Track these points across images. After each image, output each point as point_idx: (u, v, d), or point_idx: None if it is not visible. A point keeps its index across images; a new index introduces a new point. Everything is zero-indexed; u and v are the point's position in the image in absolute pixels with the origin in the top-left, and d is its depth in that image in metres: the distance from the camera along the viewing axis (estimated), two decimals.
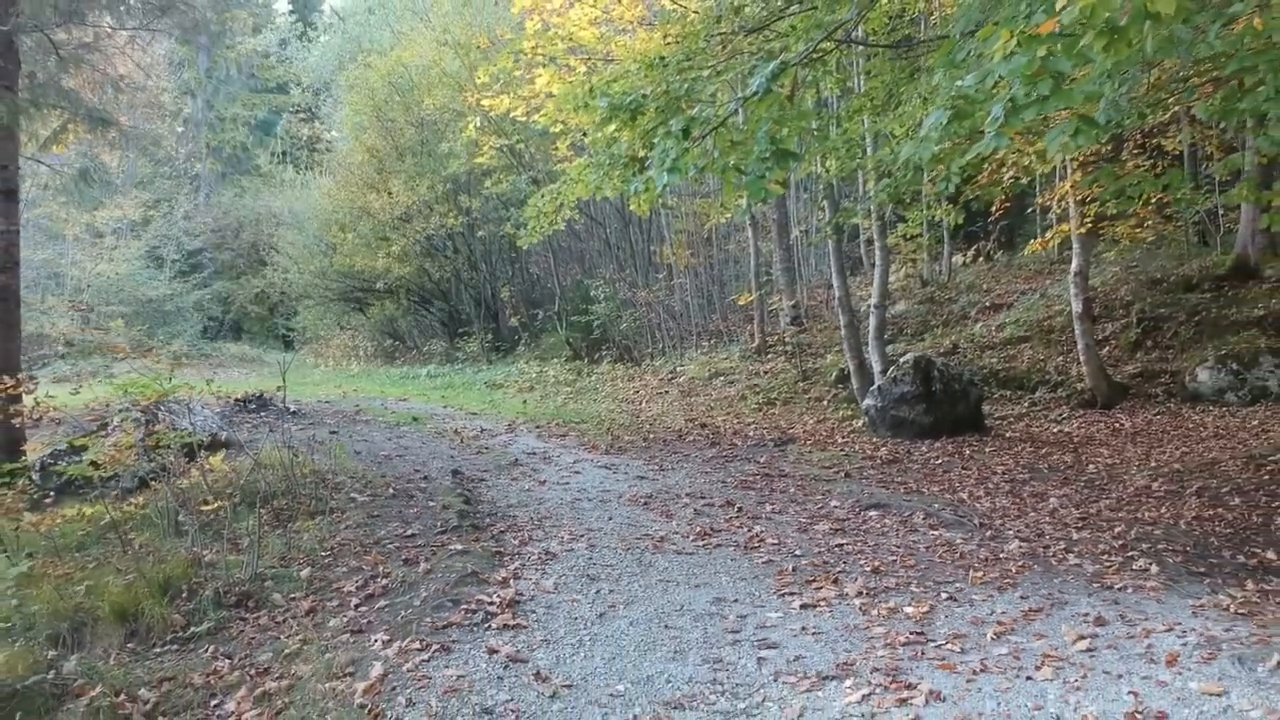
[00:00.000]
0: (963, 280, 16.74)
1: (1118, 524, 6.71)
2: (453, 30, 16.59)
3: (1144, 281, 13.34)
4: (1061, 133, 3.10)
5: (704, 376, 14.58)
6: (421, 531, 6.39)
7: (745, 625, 4.71)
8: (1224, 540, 6.31)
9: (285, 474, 7.23)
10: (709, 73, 5.80)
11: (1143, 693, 3.72)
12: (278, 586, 5.48)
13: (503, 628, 4.60)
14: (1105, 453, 9.35)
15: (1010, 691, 3.83)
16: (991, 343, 13.43)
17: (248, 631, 4.97)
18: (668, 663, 4.25)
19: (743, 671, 4.17)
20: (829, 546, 6.16)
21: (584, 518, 6.99)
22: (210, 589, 5.35)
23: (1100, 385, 11.56)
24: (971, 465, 8.97)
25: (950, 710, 3.68)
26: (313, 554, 5.93)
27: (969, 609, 4.83)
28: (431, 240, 19.05)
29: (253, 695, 4.20)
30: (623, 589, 5.29)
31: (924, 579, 5.39)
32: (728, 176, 4.93)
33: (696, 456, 9.68)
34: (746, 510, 7.22)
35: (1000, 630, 4.48)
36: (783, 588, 5.30)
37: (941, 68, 3.60)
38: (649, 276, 18.32)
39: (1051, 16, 2.72)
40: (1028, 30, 3.01)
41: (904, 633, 4.50)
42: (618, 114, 5.65)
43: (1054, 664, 4.05)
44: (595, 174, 6.49)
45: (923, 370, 10.41)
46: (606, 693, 3.94)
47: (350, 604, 5.14)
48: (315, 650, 4.50)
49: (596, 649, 4.39)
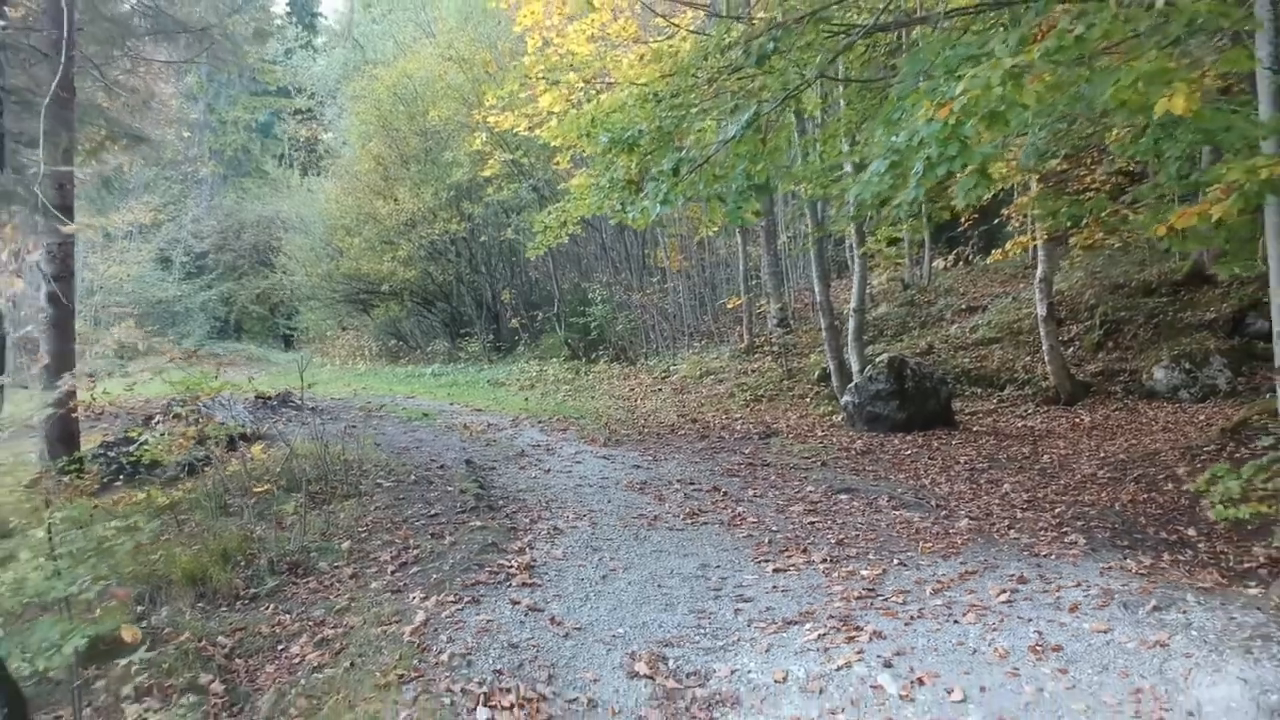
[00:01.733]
0: (942, 284, 17.62)
1: (1059, 506, 7.57)
2: (457, 46, 17.42)
3: (1107, 286, 14.22)
4: (967, 184, 3.95)
5: (695, 375, 15.43)
6: (443, 511, 7.23)
7: (725, 585, 5.57)
8: (1151, 519, 7.18)
9: (318, 462, 8.06)
10: (696, 110, 6.64)
11: (1045, 631, 4.59)
12: (322, 557, 6.32)
13: (521, 585, 5.46)
14: (1061, 445, 10.21)
15: (939, 632, 4.69)
16: (965, 343, 14.31)
17: (300, 593, 5.81)
18: (660, 612, 5.11)
19: (722, 619, 5.03)
20: (802, 524, 7.03)
21: (586, 500, 7.84)
22: (264, 559, 6.19)
23: (1064, 383, 12.44)
24: (937, 456, 9.83)
25: (888, 645, 4.54)
26: (350, 530, 6.77)
27: (915, 572, 5.70)
28: (435, 245, 19.88)
29: (313, 641, 5.04)
30: (621, 557, 6.14)
31: (880, 549, 6.25)
32: (711, 204, 5.79)
33: (687, 448, 10.52)
34: (731, 494, 8.07)
35: (938, 588, 5.35)
36: (759, 556, 6.16)
37: (881, 124, 4.45)
38: (643, 280, 19.16)
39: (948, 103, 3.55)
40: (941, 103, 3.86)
41: (858, 589, 5.37)
42: (616, 145, 6.50)
43: (978, 612, 4.92)
44: (596, 195, 7.32)
45: (896, 369, 11.27)
46: (609, 634, 4.80)
47: (387, 570, 5.98)
48: (363, 605, 5.34)
49: (600, 602, 5.25)
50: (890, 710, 4.04)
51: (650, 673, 4.42)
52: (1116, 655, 4.30)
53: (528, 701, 4.08)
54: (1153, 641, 4.34)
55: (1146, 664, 4.20)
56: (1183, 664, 4.14)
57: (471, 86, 17.43)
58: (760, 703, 4.16)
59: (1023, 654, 4.41)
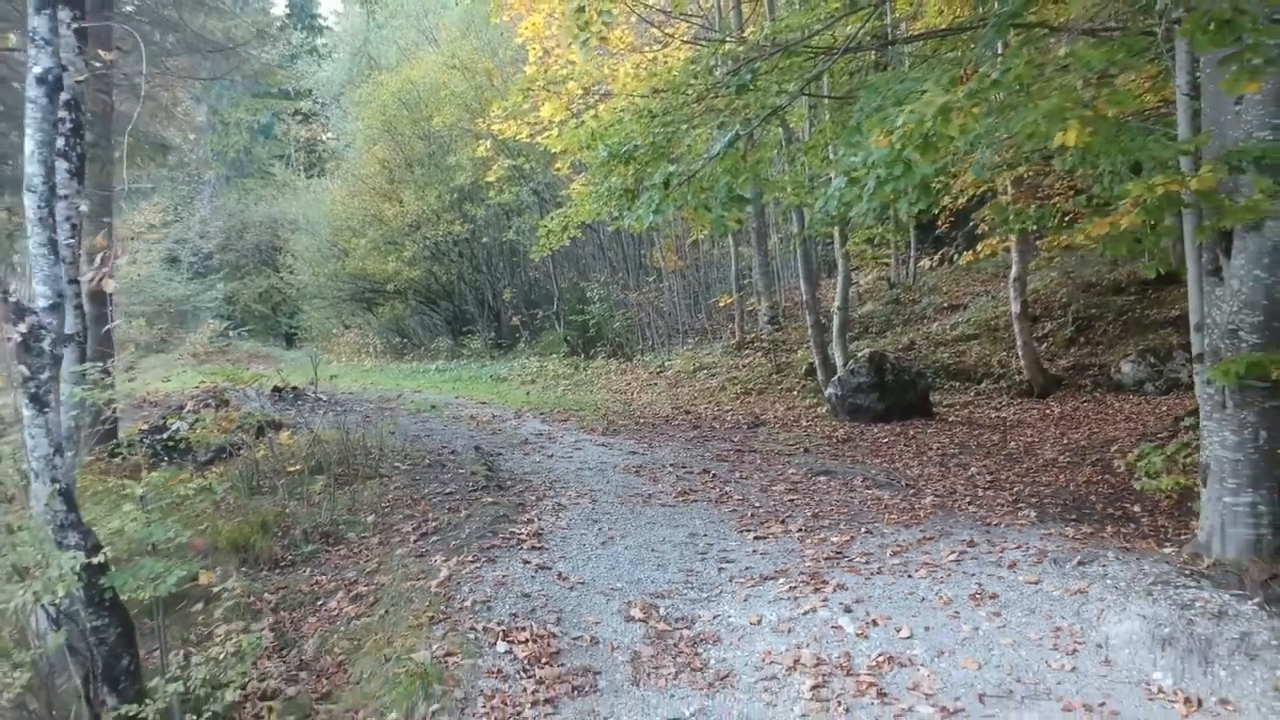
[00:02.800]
0: (926, 283, 18.35)
1: (1018, 485, 8.31)
2: (460, 55, 18.11)
3: (1079, 285, 14.97)
4: (910, 199, 4.65)
5: (689, 370, 16.15)
6: (457, 490, 7.95)
7: (711, 550, 6.30)
8: (1101, 497, 7.91)
9: (340, 447, 8.77)
10: (687, 125, 7.34)
11: (985, 583, 5.32)
12: (350, 529, 7.03)
13: (531, 549, 6.18)
14: (1029, 433, 10.95)
15: (894, 584, 5.42)
16: (945, 340, 15.05)
17: (333, 559, 6.53)
18: (653, 571, 5.84)
19: (707, 576, 5.75)
20: (782, 501, 7.75)
21: (586, 482, 8.56)
22: (298, 530, 6.91)
23: (1036, 377, 13.17)
24: (913, 443, 10.55)
25: (849, 595, 5.27)
26: (373, 506, 7.48)
27: (879, 539, 6.43)
28: (439, 245, 20.58)
29: (348, 596, 5.75)
30: (618, 528, 6.86)
31: (851, 521, 6.98)
32: (699, 212, 6.50)
33: (680, 437, 11.24)
34: (719, 476, 8.80)
35: (897, 550, 6.08)
36: (742, 527, 6.89)
37: (842, 145, 5.15)
38: (640, 279, 19.87)
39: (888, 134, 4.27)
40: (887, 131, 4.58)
41: (827, 552, 6.10)
42: (615, 158, 7.21)
43: (930, 569, 5.65)
44: (596, 202, 8.02)
45: (877, 364, 12.00)
46: (608, 588, 5.52)
47: (410, 539, 6.69)
48: (391, 567, 6.05)
49: (600, 563, 5.97)
50: (848, 645, 4.76)
51: (644, 618, 5.14)
52: (1043, 601, 5.04)
53: (540, 638, 4.80)
54: (1074, 590, 5.07)
55: (1067, 607, 4.94)
56: (1097, 606, 4.87)
57: (474, 94, 18.14)
58: (738, 640, 4.88)
59: (964, 601, 5.14)
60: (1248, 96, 5.14)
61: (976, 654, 4.62)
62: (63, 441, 3.69)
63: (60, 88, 3.68)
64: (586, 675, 4.53)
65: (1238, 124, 5.23)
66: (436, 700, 4.21)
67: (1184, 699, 4.22)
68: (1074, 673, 4.45)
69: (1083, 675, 4.43)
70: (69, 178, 3.98)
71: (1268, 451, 5.35)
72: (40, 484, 3.65)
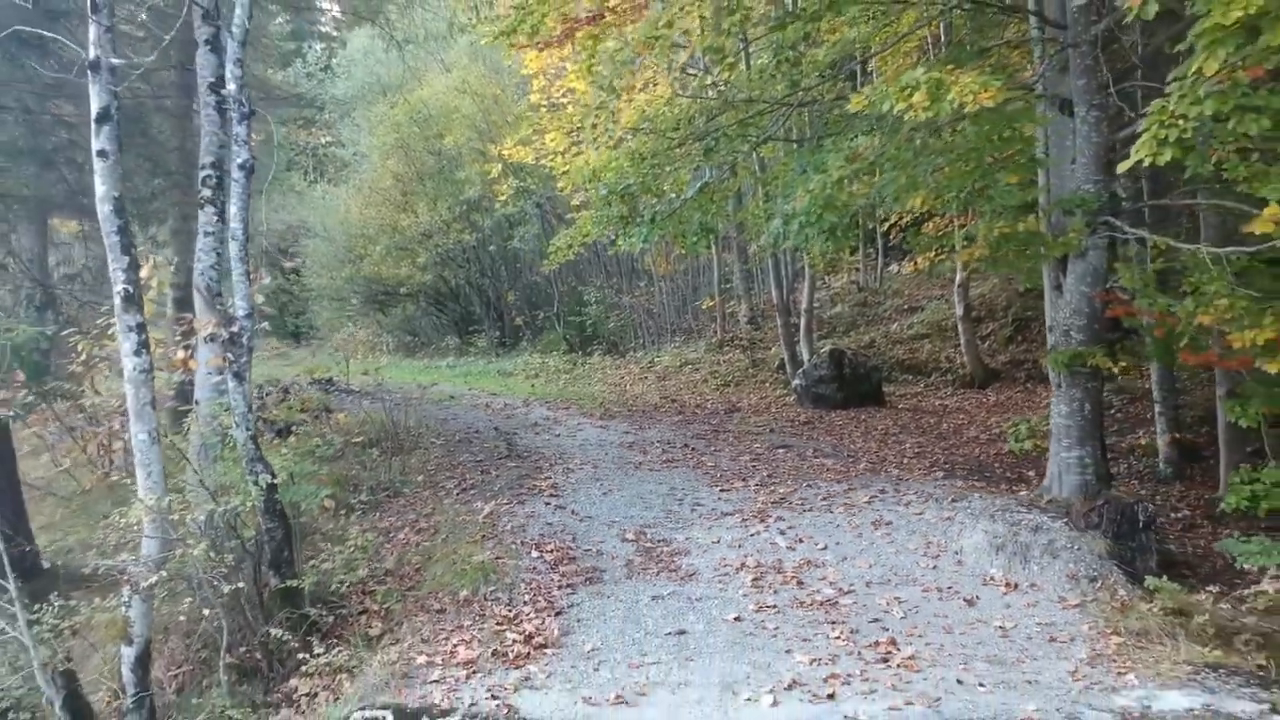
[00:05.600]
0: (890, 287, 20.32)
1: (939, 455, 10.28)
2: (470, 81, 20.03)
3: (1018, 290, 16.94)
4: (819, 242, 6.57)
5: (676, 365, 18.08)
6: (485, 458, 9.88)
7: (686, 498, 8.25)
8: (1003, 464, 9.88)
9: (384, 426, 10.68)
10: (670, 168, 9.27)
11: (884, 515, 7.28)
12: (404, 486, 8.95)
13: (550, 496, 8.13)
14: (963, 417, 12.92)
15: (819, 518, 7.38)
16: (902, 338, 17.03)
17: (396, 506, 8.45)
18: (642, 511, 7.79)
19: (682, 514, 7.71)
20: (746, 466, 9.69)
21: (588, 454, 10.48)
22: (365, 486, 8.82)
23: (977, 370, 15.15)
24: (863, 425, 12.50)
25: (785, 524, 7.23)
26: (420, 470, 9.41)
27: (815, 490, 8.38)
28: (448, 252, 22.47)
29: (413, 530, 7.68)
30: (615, 484, 8.80)
31: (796, 479, 8.93)
32: (677, 237, 8.45)
33: (666, 421, 13.18)
34: (697, 450, 10.73)
35: (827, 497, 8.03)
36: (711, 484, 8.83)
37: (779, 195, 7.07)
38: (632, 283, 21.77)
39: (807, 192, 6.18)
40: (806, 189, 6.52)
41: (773, 499, 8.05)
42: (613, 194, 9.14)
43: (847, 508, 7.60)
44: (598, 227, 9.94)
45: (836, 359, 13.95)
46: (609, 520, 7.47)
47: (453, 492, 8.61)
48: (443, 510, 7.98)
49: (603, 505, 7.92)
50: (780, 555, 6.72)
51: (635, 539, 7.09)
52: (921, 524, 7.00)
53: (561, 549, 6.75)
54: (945, 517, 7.04)
55: (937, 528, 6.90)
56: (958, 527, 6.83)
57: (482, 116, 20.03)
58: (701, 553, 6.83)
59: (866, 527, 7.11)
60: (1078, 158, 7.11)
61: (869, 558, 6.59)
62: (252, 403, 5.61)
63: (253, 171, 5.58)
64: (594, 572, 6.48)
65: (1071, 179, 7.20)
66: (493, 584, 6.15)
67: (1007, 584, 6.19)
68: (935, 569, 6.42)
69: (941, 570, 6.40)
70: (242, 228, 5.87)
71: (1091, 419, 7.34)
72: (239, 431, 5.56)
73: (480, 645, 5.33)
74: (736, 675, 4.95)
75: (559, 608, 5.90)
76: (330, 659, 5.28)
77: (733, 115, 9.06)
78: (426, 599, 6.15)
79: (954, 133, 6.41)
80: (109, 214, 5.25)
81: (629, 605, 5.96)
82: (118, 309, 5.27)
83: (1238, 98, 4.42)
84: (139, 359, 5.28)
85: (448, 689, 4.84)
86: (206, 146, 6.60)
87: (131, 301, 5.27)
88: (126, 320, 5.25)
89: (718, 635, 5.50)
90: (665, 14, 7.04)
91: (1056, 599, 5.94)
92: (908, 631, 5.53)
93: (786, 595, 6.09)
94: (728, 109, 8.87)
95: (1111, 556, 6.30)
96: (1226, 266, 6.09)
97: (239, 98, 5.61)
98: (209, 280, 6.49)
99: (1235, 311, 5.65)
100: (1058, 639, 5.44)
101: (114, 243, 5.27)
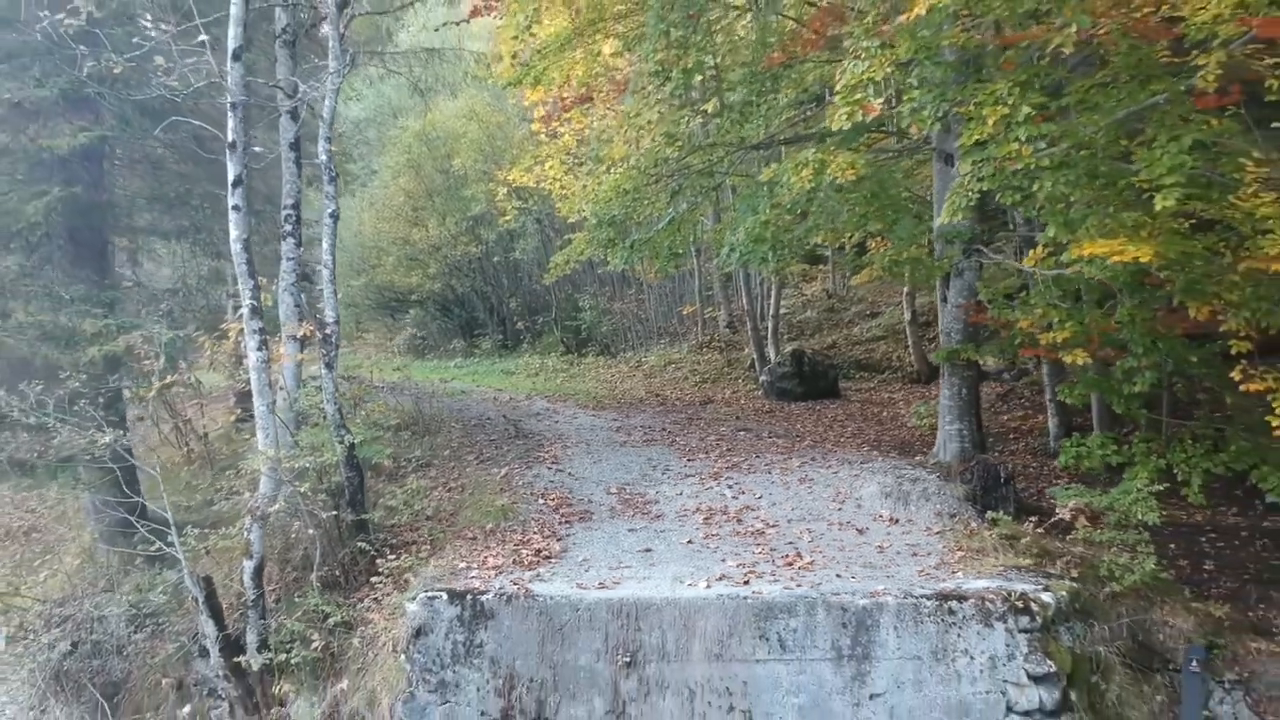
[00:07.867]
0: (856, 294, 22.52)
1: (873, 435, 12.46)
2: (477, 109, 22.22)
3: None
4: (763, 267, 8.70)
5: (661, 365, 20.26)
6: (498, 438, 12.04)
7: (659, 465, 10.42)
8: (922, 442, 12.03)
9: (412, 413, 12.83)
10: (648, 202, 11.43)
11: (809, 474, 9.46)
12: (433, 458, 11.10)
13: (552, 464, 10.31)
14: (903, 408, 15.10)
15: (760, 478, 9.56)
16: (860, 340, 19.23)
17: (428, 474, 10.58)
18: (624, 474, 9.97)
19: (655, 476, 9.89)
20: (711, 444, 11.85)
21: (583, 436, 12.64)
22: (402, 459, 10.97)
23: (923, 368, 17.32)
24: (816, 414, 14.67)
25: (733, 481, 9.41)
26: (445, 446, 11.56)
27: (762, 459, 10.54)
28: (456, 263, 24.64)
29: (445, 488, 9.83)
30: (604, 456, 10.97)
31: (749, 452, 11.09)
32: (654, 258, 10.63)
33: (650, 411, 15.33)
34: (672, 433, 12.89)
35: (769, 464, 10.20)
36: (681, 456, 11.00)
37: (728, 228, 9.21)
38: (623, 290, 23.93)
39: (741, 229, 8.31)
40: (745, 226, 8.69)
41: (727, 465, 10.22)
42: (603, 223, 11.32)
43: (783, 470, 9.78)
44: (590, 247, 12.11)
45: (797, 358, 16.14)
46: (598, 480, 9.65)
47: (474, 463, 10.76)
48: (467, 475, 10.13)
49: (594, 470, 10.10)
50: (726, 502, 8.89)
51: (618, 493, 9.26)
52: (835, 480, 9.19)
53: (561, 498, 8.92)
54: (853, 475, 9.23)
55: (847, 482, 9.08)
56: (862, 481, 9.01)
57: (487, 140, 22.20)
58: (667, 502, 9.00)
59: (794, 483, 9.29)
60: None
61: (792, 503, 8.77)
62: (337, 385, 7.76)
63: (338, 218, 7.75)
64: (586, 514, 8.65)
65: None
66: (511, 520, 8.31)
67: (891, 519, 8.36)
68: (840, 510, 8.60)
69: (844, 511, 8.58)
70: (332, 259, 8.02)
71: (967, 400, 9.56)
72: (329, 405, 7.73)
73: (504, 557, 7.50)
74: (683, 573, 7.11)
75: (559, 535, 8.07)
76: (399, 563, 7.44)
77: (699, 156, 11.25)
78: (462, 530, 8.31)
79: (855, 186, 8.60)
80: (239, 250, 7.42)
81: (611, 534, 8.13)
82: (245, 317, 7.43)
83: (1004, 178, 6.55)
84: (260, 353, 7.44)
85: (483, 580, 7.00)
86: (288, 192, 8.79)
87: (256, 312, 7.42)
88: (252, 325, 7.41)
89: (674, 552, 7.68)
90: (634, 108, 9.24)
91: (924, 529, 8.12)
92: (811, 549, 7.70)
93: (727, 528, 8.26)
94: (694, 152, 11.07)
95: (969, 500, 8.49)
96: (1051, 286, 8.30)
97: (329, 165, 7.78)
98: (293, 293, 8.66)
99: (1048, 318, 7.85)
100: (918, 554, 7.61)
101: (243, 270, 7.42)
